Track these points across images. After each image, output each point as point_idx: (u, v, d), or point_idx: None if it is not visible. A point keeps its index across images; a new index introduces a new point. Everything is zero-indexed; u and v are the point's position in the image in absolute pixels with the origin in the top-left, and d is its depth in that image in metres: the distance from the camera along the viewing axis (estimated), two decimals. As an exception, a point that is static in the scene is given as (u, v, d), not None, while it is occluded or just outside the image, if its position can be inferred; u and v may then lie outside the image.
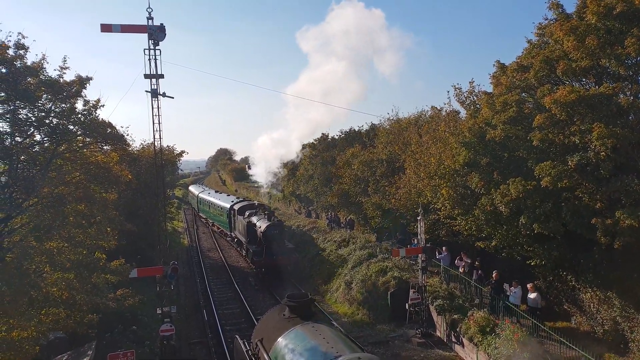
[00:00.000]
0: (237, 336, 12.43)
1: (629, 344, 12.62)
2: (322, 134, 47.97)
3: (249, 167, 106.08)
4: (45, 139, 14.48)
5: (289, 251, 25.98)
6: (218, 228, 40.24)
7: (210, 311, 20.23)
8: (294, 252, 26.53)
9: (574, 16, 14.08)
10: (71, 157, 14.76)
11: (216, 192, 48.81)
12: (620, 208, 11.82)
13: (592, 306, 14.27)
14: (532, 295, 14.66)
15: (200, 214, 49.16)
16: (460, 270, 17.98)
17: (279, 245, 25.32)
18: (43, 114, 13.73)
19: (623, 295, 13.03)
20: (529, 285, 14.86)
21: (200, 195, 48.13)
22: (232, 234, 34.14)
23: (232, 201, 35.65)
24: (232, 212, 33.68)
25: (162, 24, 14.58)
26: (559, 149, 13.46)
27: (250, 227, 27.79)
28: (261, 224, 26.30)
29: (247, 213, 30.15)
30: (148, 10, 14.32)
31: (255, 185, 72.04)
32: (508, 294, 15.20)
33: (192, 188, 61.85)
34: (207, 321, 19.01)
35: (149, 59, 14.52)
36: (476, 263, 17.43)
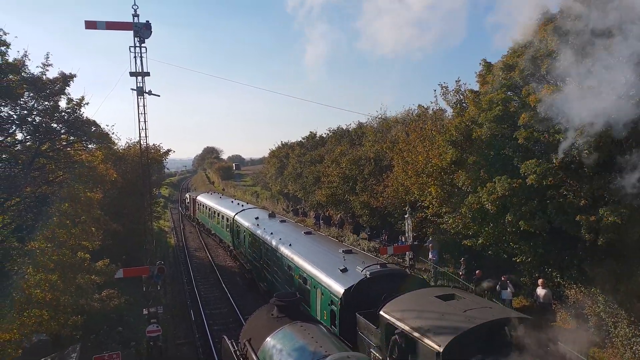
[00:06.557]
0: (224, 336, 12.30)
1: (613, 339, 12.84)
2: (310, 132, 48.23)
3: (236, 167, 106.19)
4: (27, 137, 14.24)
5: None
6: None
7: (198, 311, 20.05)
8: None
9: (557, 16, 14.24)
10: (54, 155, 14.52)
11: (271, 216, 23.93)
12: (603, 205, 12.02)
13: (576, 302, 14.48)
14: (541, 292, 13.97)
15: (238, 250, 25.23)
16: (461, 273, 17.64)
17: None
18: (25, 112, 13.49)
19: (606, 291, 13.25)
20: (539, 281, 14.18)
21: (239, 219, 24.74)
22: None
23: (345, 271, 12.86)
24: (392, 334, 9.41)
25: (147, 21, 14.41)
26: (543, 147, 13.63)
27: None
28: None
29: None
30: (134, 7, 14.15)
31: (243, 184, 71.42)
32: (509, 290, 14.67)
33: (211, 200, 35.32)
34: (195, 321, 18.84)
35: (135, 57, 14.33)
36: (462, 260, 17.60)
